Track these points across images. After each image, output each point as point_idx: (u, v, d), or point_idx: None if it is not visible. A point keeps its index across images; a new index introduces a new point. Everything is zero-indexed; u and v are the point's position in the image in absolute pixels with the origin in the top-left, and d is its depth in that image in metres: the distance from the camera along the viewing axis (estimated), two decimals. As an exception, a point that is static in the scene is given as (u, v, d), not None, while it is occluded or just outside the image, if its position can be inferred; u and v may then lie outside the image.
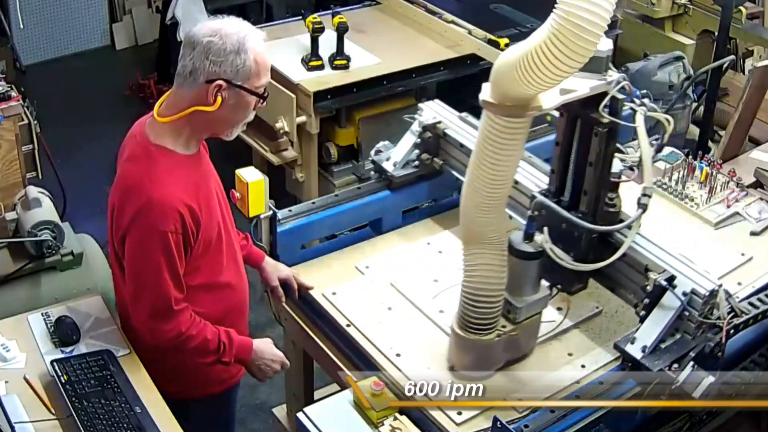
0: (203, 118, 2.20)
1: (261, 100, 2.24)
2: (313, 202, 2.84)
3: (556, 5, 1.85)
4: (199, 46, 2.15)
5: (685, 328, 2.22)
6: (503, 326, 2.33)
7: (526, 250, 2.28)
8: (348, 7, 4.77)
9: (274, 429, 3.18)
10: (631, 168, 2.33)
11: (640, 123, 2.17)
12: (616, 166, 2.31)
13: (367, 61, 4.25)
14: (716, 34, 4.39)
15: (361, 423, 2.23)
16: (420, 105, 2.95)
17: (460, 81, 4.30)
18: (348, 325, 2.53)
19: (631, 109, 2.21)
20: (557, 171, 2.39)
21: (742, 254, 2.81)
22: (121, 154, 2.34)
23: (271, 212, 2.59)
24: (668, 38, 4.96)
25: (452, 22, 4.50)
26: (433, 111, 2.92)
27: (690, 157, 3.16)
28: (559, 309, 2.62)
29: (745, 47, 5.16)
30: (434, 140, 2.88)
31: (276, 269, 2.65)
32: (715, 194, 3.03)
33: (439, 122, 2.87)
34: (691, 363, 2.13)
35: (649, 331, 2.21)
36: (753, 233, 2.92)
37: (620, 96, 2.16)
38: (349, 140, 4.31)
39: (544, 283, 2.39)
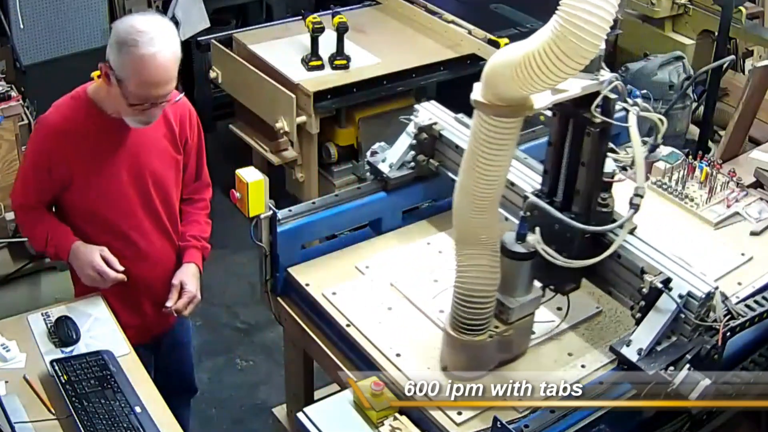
0: (105, 90, 2.42)
1: (136, 108, 2.37)
2: (313, 202, 2.84)
3: (558, 8, 1.84)
4: (116, 24, 2.37)
5: (681, 331, 2.19)
6: (496, 327, 2.31)
7: (519, 251, 2.26)
8: (348, 7, 4.77)
9: (274, 429, 3.18)
10: (624, 168, 2.32)
11: (632, 123, 2.14)
12: (609, 165, 2.29)
13: (367, 61, 4.25)
14: (716, 34, 4.39)
15: (361, 423, 2.23)
16: (416, 106, 2.92)
17: (460, 81, 4.30)
18: (348, 325, 2.53)
19: (624, 109, 2.19)
20: (550, 171, 2.36)
21: (742, 254, 2.81)
22: None
23: (271, 212, 2.59)
24: (668, 38, 4.96)
25: (452, 22, 4.50)
26: (429, 112, 2.90)
27: (690, 157, 3.16)
28: (558, 309, 2.61)
29: (745, 47, 5.16)
30: (430, 141, 2.85)
31: (188, 276, 2.72)
32: (715, 194, 3.02)
33: (435, 123, 2.84)
34: (687, 365, 2.11)
35: (644, 334, 2.18)
36: (753, 233, 2.92)
37: (612, 96, 2.13)
38: (349, 140, 4.31)
39: (537, 283, 2.36)
